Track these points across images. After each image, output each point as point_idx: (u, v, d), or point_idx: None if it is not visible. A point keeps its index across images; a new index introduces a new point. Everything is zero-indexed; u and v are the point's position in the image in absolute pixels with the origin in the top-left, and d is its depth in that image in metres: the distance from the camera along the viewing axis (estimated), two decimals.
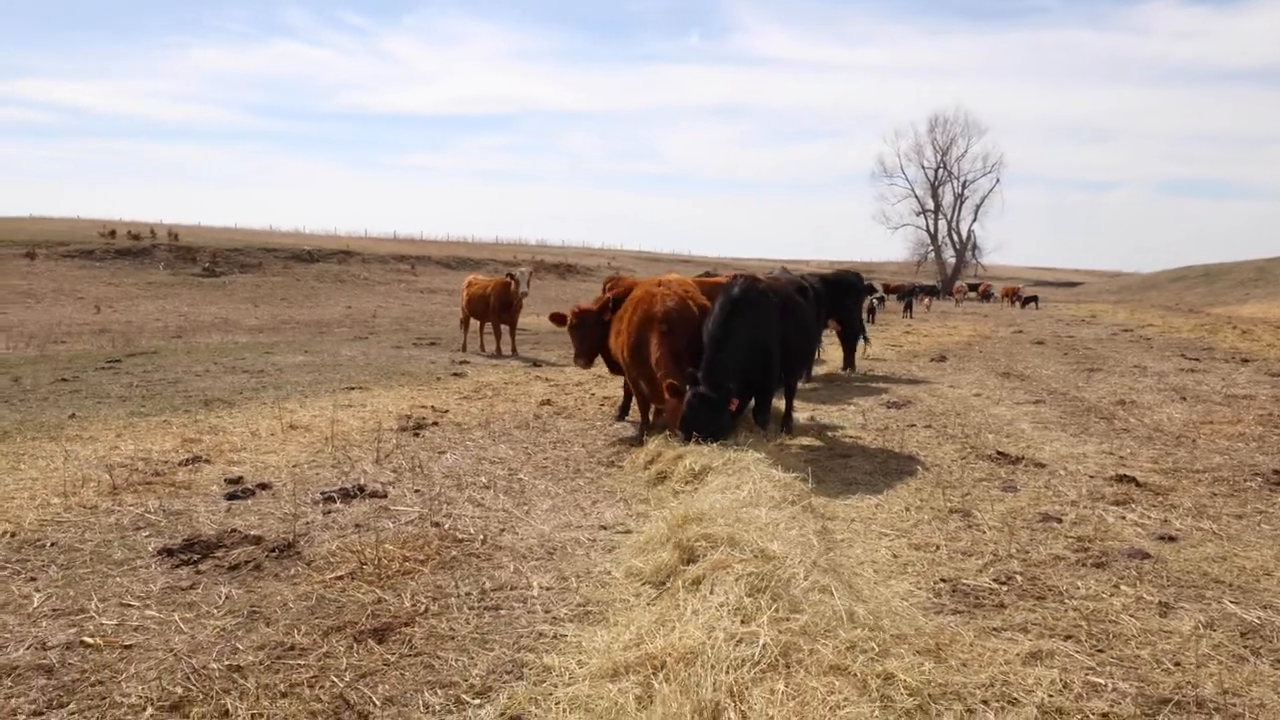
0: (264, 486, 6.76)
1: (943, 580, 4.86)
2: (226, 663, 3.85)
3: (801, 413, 10.63)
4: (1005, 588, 4.79)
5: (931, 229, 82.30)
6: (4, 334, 20.23)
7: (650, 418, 8.80)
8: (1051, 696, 3.50)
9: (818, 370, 14.40)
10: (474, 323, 18.37)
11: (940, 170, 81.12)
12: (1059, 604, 4.55)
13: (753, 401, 8.39)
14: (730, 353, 7.24)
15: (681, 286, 8.53)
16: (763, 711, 2.83)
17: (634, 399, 9.40)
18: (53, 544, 5.37)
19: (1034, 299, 42.76)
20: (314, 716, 3.45)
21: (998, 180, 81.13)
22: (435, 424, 9.40)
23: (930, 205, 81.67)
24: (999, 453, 8.08)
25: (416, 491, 6.74)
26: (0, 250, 33.67)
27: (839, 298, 14.10)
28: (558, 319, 9.64)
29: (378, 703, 3.55)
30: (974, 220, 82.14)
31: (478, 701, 3.53)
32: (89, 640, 4.03)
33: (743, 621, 3.45)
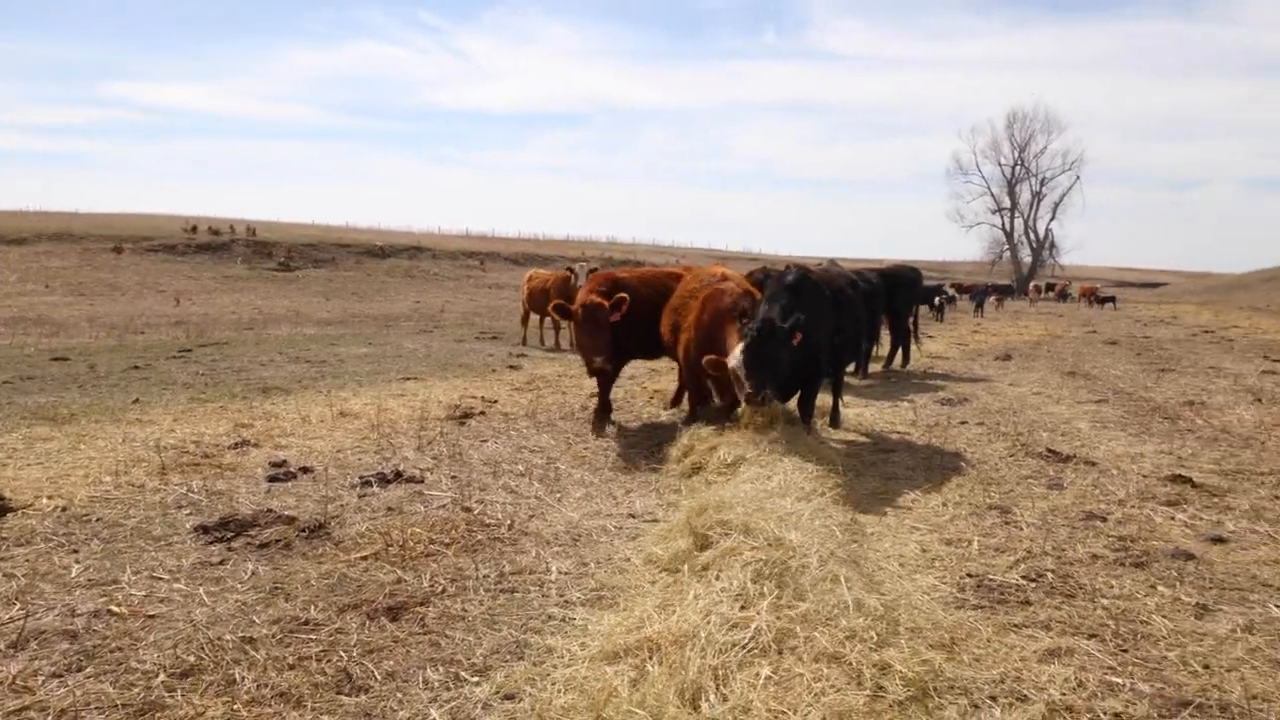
0: (306, 470, 6.91)
1: (969, 575, 4.73)
2: (241, 635, 3.95)
3: (852, 408, 10.46)
4: (1034, 585, 4.63)
5: (1007, 227, 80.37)
6: (90, 324, 21.13)
7: (698, 412, 8.70)
8: (1064, 694, 3.37)
9: (874, 367, 14.16)
10: (534, 317, 18.54)
11: (1017, 168, 79.21)
12: (1088, 603, 4.38)
13: (798, 394, 8.25)
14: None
15: (743, 282, 8.46)
16: (743, 695, 2.78)
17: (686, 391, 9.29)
18: (98, 519, 5.58)
19: (1112, 299, 41.32)
20: (316, 688, 3.51)
21: (1078, 178, 78.81)
22: (482, 414, 9.50)
23: (1006, 203, 79.75)
24: (1049, 450, 7.83)
25: (452, 478, 6.82)
26: (91, 245, 35.27)
27: (894, 293, 13.82)
28: (562, 311, 8.79)
29: (379, 677, 3.60)
30: (1052, 219, 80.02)
31: (476, 680, 3.55)
32: (115, 609, 4.18)
33: (742, 607, 3.40)
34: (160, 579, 4.65)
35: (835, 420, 9.09)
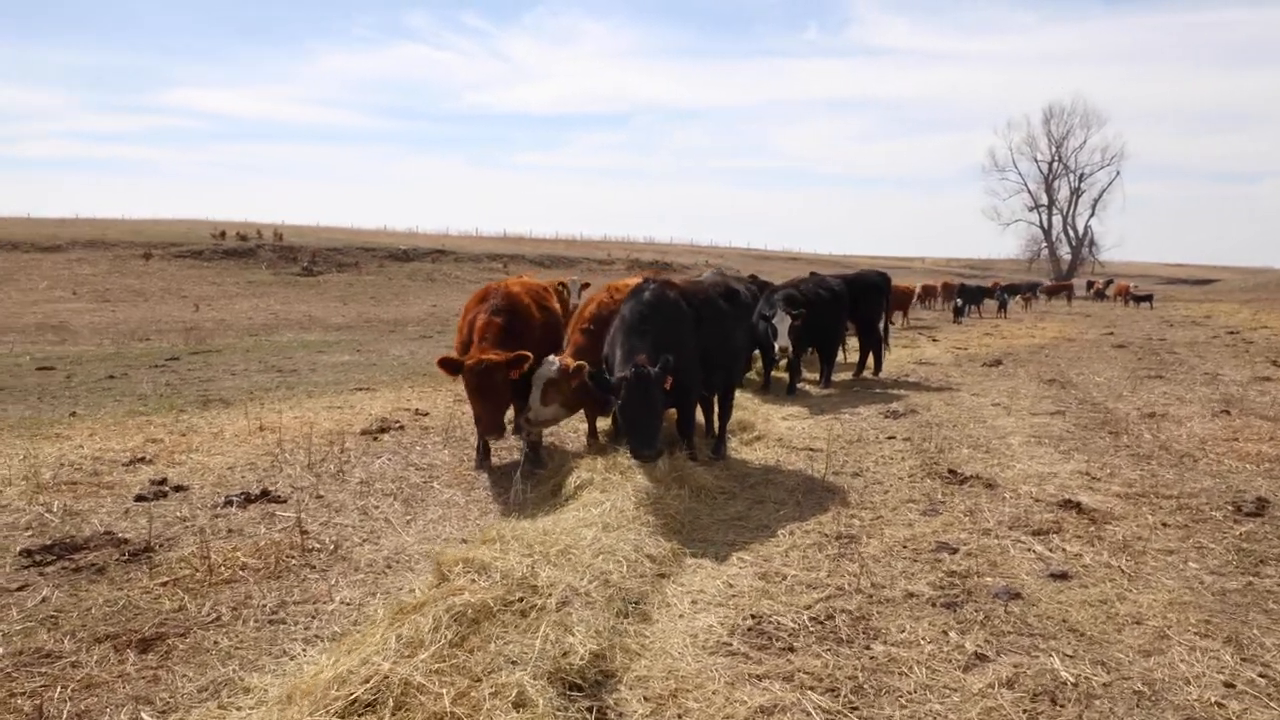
0: (181, 489, 6.92)
1: (752, 616, 4.50)
2: None
3: (787, 420, 10.22)
4: (817, 628, 4.39)
5: (1045, 225, 78.91)
6: (101, 331, 21.64)
7: (595, 427, 8.54)
8: None
9: (840, 376, 13.82)
10: None
11: (1055, 163, 77.68)
12: (858, 650, 4.14)
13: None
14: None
15: (615, 291, 8.20)
16: None
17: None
18: None
19: (1148, 298, 39.86)
20: None
21: (1118, 173, 77.25)
22: (401, 428, 9.45)
23: (1044, 200, 78.33)
24: (951, 471, 7.51)
25: (317, 497, 6.77)
26: (121, 251, 36.22)
27: (859, 298, 13.46)
28: (450, 367, 7.14)
29: (66, 715, 3.55)
30: (1091, 215, 78.41)
31: None
32: None
33: (406, 655, 3.26)
34: None
35: (719, 449, 8.13)
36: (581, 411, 8.22)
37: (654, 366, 6.46)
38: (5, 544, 5.62)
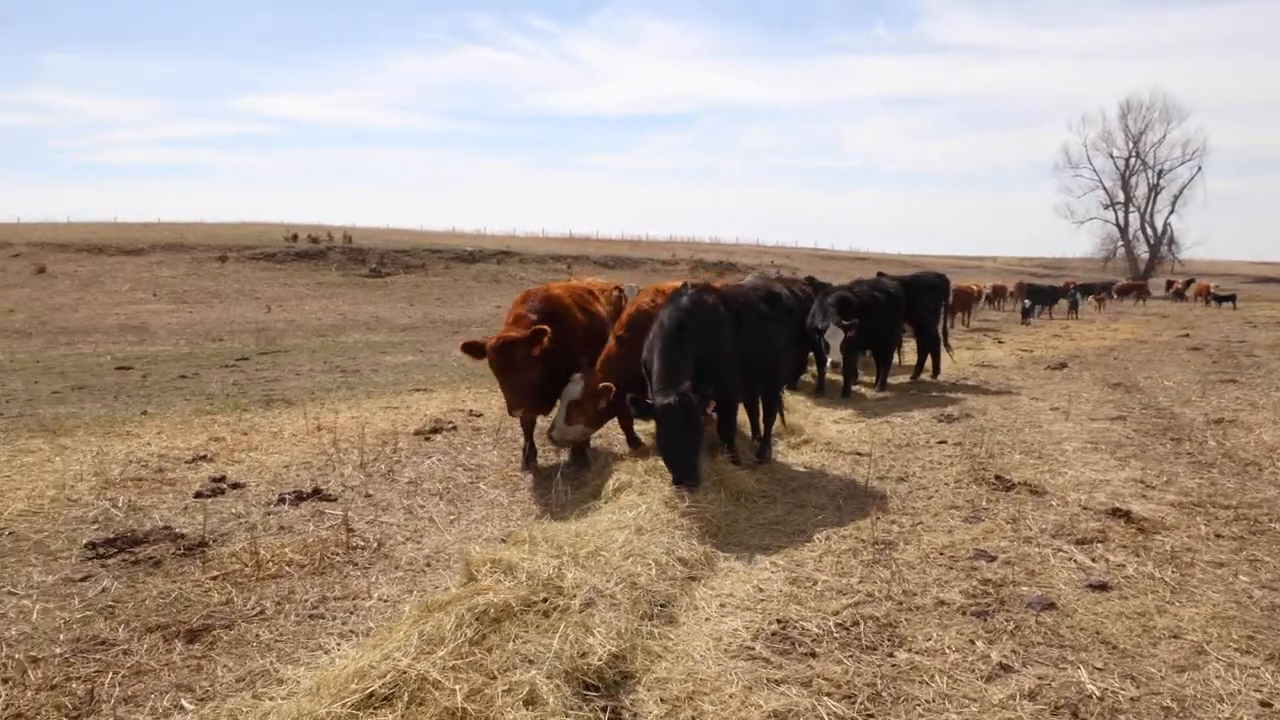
0: (237, 486, 7.19)
1: (778, 621, 4.51)
2: (31, 654, 4.18)
3: (839, 424, 10.16)
4: (842, 634, 4.39)
5: (1121, 223, 76.39)
6: (178, 331, 22.50)
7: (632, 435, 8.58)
8: None
9: (898, 378, 13.66)
10: None
11: (1132, 159, 75.03)
12: (882, 657, 4.13)
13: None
14: (684, 367, 6.80)
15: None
16: None
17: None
18: (10, 533, 5.97)
19: (1230, 298, 38.26)
20: (57, 709, 3.69)
21: (1199, 168, 74.06)
22: (454, 428, 9.65)
23: (1120, 197, 75.74)
24: (998, 477, 7.39)
25: (367, 496, 6.98)
26: (199, 254, 37.61)
27: (916, 300, 13.28)
28: (472, 350, 7.48)
29: (115, 700, 3.76)
30: (1170, 213, 75.57)
31: (193, 708, 3.67)
32: None
33: (426, 652, 3.38)
34: (14, 594, 4.95)
35: (763, 453, 8.14)
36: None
37: (694, 392, 6.40)
38: (73, 536, 5.93)
